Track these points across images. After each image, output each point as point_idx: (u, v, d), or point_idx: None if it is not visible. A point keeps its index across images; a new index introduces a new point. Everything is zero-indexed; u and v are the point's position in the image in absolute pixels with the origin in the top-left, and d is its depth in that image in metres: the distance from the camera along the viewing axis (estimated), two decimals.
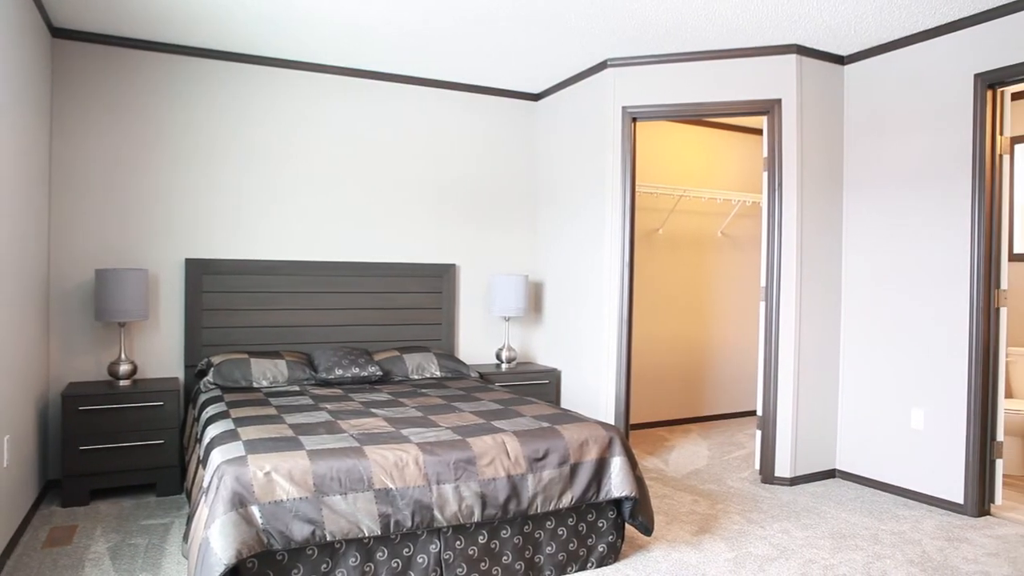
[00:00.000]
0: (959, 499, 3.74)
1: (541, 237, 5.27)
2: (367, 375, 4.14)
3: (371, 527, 2.45)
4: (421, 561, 2.60)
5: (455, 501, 2.58)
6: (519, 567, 2.78)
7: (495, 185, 5.21)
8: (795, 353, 4.17)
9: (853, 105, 4.31)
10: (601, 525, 2.97)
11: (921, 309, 3.94)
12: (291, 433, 2.78)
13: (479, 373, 4.62)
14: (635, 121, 4.42)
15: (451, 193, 5.05)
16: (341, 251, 4.69)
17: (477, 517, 2.62)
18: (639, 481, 2.96)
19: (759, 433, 4.26)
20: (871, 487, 4.16)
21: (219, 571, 2.15)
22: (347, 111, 4.70)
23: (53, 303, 3.95)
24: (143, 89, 4.15)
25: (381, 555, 2.53)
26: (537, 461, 2.76)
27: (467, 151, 5.10)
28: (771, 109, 4.17)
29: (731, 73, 4.24)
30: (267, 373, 3.95)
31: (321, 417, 3.12)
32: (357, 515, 2.43)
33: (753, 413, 6.31)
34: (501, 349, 4.91)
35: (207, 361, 4.06)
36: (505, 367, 4.88)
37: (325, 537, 2.37)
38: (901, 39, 4.00)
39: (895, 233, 4.08)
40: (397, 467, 2.54)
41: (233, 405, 3.35)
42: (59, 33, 3.93)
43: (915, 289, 3.97)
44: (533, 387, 4.81)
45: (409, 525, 2.51)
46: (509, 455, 2.73)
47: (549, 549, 2.85)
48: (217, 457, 2.49)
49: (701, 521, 3.52)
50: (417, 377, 4.35)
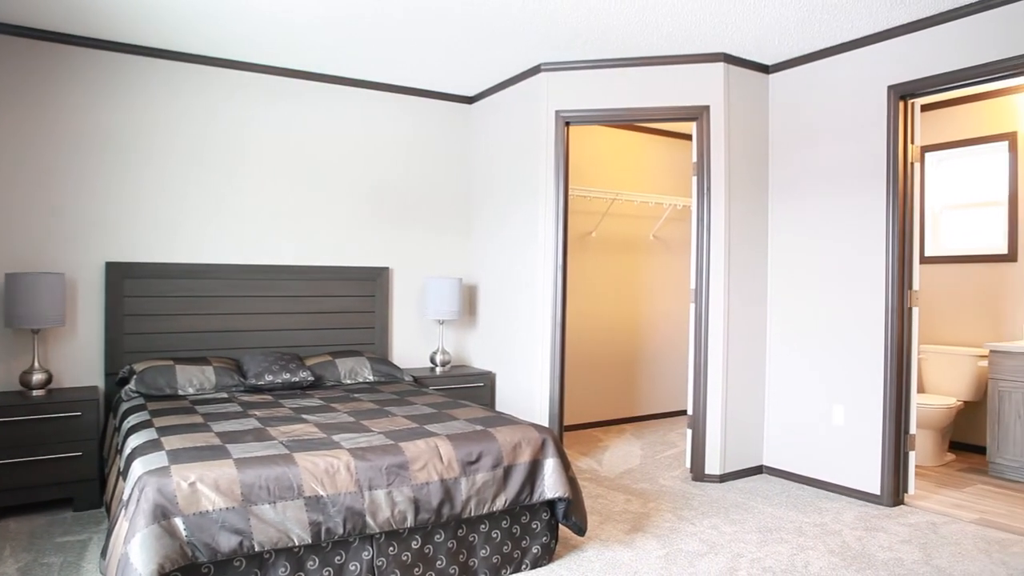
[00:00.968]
0: (876, 490, 3.91)
1: (475, 240, 5.27)
2: (298, 380, 4.06)
3: (301, 536, 2.40)
4: (353, 568, 2.56)
5: (388, 507, 2.55)
6: (453, 571, 2.76)
7: (429, 188, 5.18)
8: (724, 353, 4.28)
9: (777, 113, 4.46)
10: (535, 527, 2.98)
11: (842, 310, 4.10)
12: (218, 441, 2.70)
13: (413, 377, 4.59)
14: (568, 125, 4.47)
15: (385, 196, 5.00)
16: (272, 254, 4.59)
17: (410, 522, 2.60)
18: (572, 482, 2.99)
19: (690, 432, 4.36)
20: (796, 482, 4.31)
21: None
22: (278, 112, 4.60)
23: None
24: (58, 84, 3.97)
25: (312, 564, 2.49)
26: (470, 464, 2.76)
27: (401, 153, 5.06)
28: (700, 115, 4.28)
29: (662, 79, 4.33)
30: (193, 380, 3.83)
31: (250, 424, 3.04)
32: (287, 524, 2.38)
33: (685, 412, 6.45)
34: (435, 352, 4.89)
35: (129, 368, 3.90)
36: (439, 370, 4.86)
37: (253, 547, 2.31)
38: (821, 51, 4.16)
39: (817, 236, 4.24)
40: (328, 474, 2.49)
41: (157, 414, 3.23)
42: None
43: (836, 290, 4.13)
44: (467, 390, 4.80)
45: (341, 532, 2.47)
46: (442, 459, 2.72)
47: (483, 552, 2.85)
48: (138, 468, 2.40)
49: (634, 520, 3.58)
50: (350, 382, 4.28)
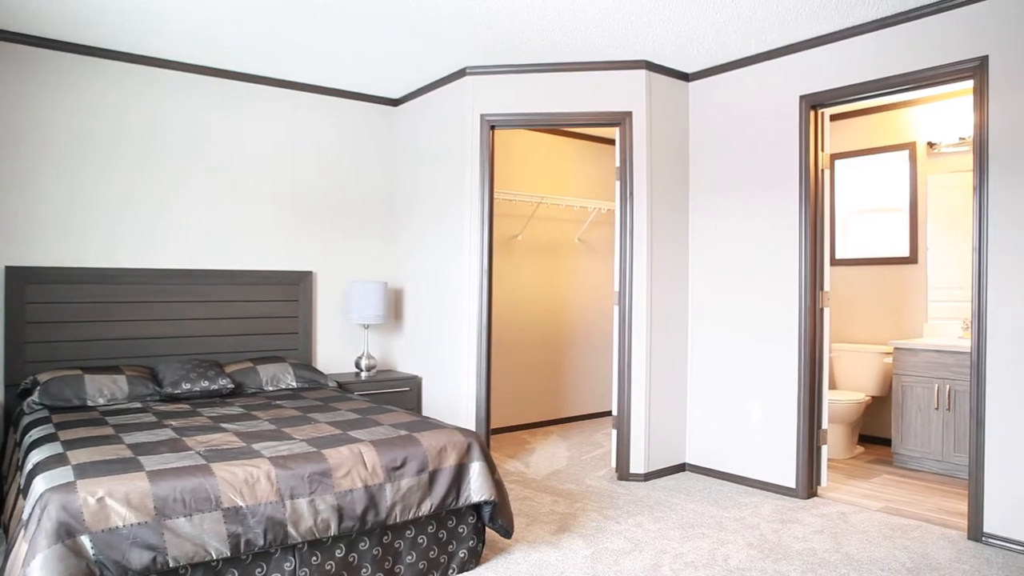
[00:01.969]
0: (792, 484, 4.06)
1: (401, 243, 5.22)
2: (218, 388, 3.93)
3: (219, 548, 2.32)
4: None
5: (310, 516, 2.50)
6: None
7: (354, 191, 5.11)
8: (647, 354, 4.37)
9: (697, 119, 4.59)
10: (462, 531, 2.97)
11: (759, 310, 4.25)
12: (130, 454, 2.59)
13: (337, 383, 4.51)
14: (493, 129, 4.48)
15: (309, 199, 4.90)
16: (190, 258, 4.43)
17: (334, 531, 2.55)
18: (498, 485, 2.99)
19: (615, 432, 4.43)
20: (717, 478, 4.43)
21: None
22: (197, 110, 4.44)
23: None
24: None
25: None
26: (395, 470, 2.73)
27: (325, 155, 4.97)
28: (623, 121, 4.36)
29: (586, 85, 4.40)
30: (104, 390, 3.66)
31: (165, 435, 2.92)
32: (204, 537, 2.29)
33: (611, 413, 6.56)
34: (360, 357, 4.82)
35: (32, 379, 3.69)
36: (365, 375, 4.79)
37: (168, 563, 2.22)
38: (738, 60, 4.31)
39: (735, 240, 4.38)
40: (247, 483, 2.42)
41: (62, 426, 3.07)
42: None
43: (753, 292, 4.28)
44: (393, 395, 4.75)
45: (261, 544, 2.40)
46: (366, 465, 2.68)
47: (409, 558, 2.82)
48: (40, 485, 2.27)
49: (560, 520, 3.61)
50: (272, 389, 4.18)
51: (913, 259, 5.16)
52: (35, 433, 3.01)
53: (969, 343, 3.92)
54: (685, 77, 4.59)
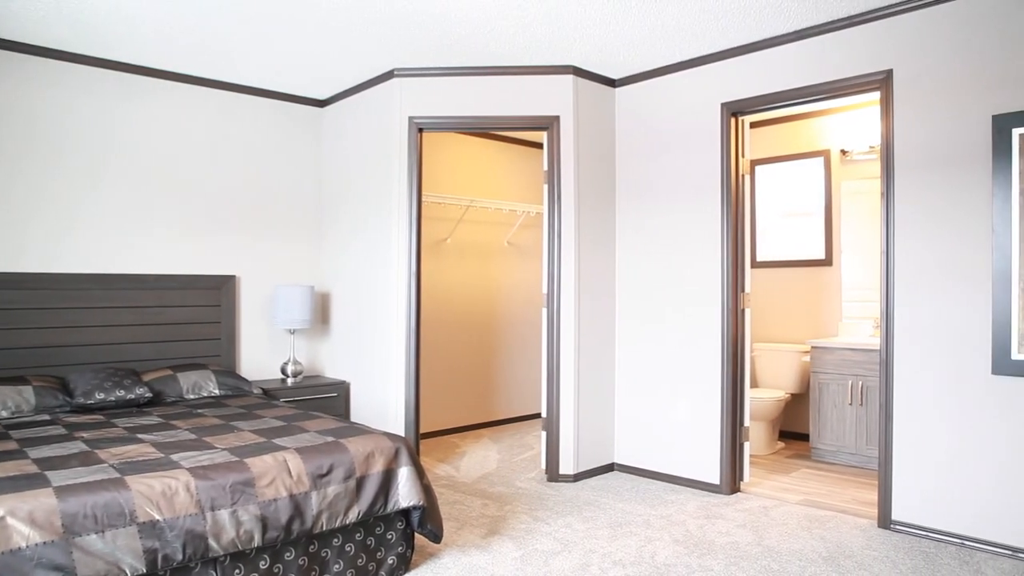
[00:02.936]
0: (716, 480, 4.18)
1: (328, 246, 5.13)
2: (134, 397, 3.77)
3: (134, 565, 2.22)
4: None
5: (232, 527, 2.43)
6: None
7: (280, 193, 4.99)
8: (575, 356, 4.42)
9: (623, 124, 4.68)
10: (390, 537, 2.94)
11: (683, 312, 4.35)
12: (35, 469, 2.45)
13: (262, 389, 4.40)
14: (422, 132, 4.46)
15: (231, 201, 4.76)
16: (106, 262, 4.24)
17: (257, 542, 2.48)
18: (427, 489, 2.97)
19: (544, 434, 4.46)
20: (645, 477, 4.52)
21: None
22: (112, 107, 4.26)
23: None
24: None
25: None
26: (321, 477, 2.68)
27: (249, 157, 4.84)
28: (551, 125, 4.41)
29: (514, 89, 4.42)
30: (8, 402, 3.46)
31: (75, 448, 2.79)
32: (117, 554, 2.20)
33: (540, 415, 6.60)
34: (287, 363, 4.71)
35: None
36: (291, 381, 4.68)
37: None
38: (662, 68, 4.41)
39: (661, 242, 4.47)
40: (165, 496, 2.33)
41: None
42: None
43: (678, 293, 4.38)
44: (321, 401, 4.66)
45: (180, 558, 2.31)
46: (291, 473, 2.62)
47: (337, 567, 2.77)
48: None
49: (491, 523, 3.61)
50: (193, 397, 4.04)
51: (828, 261, 5.38)
52: None
53: (879, 341, 4.12)
54: (612, 83, 4.67)
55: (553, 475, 4.41)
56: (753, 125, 5.76)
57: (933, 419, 3.39)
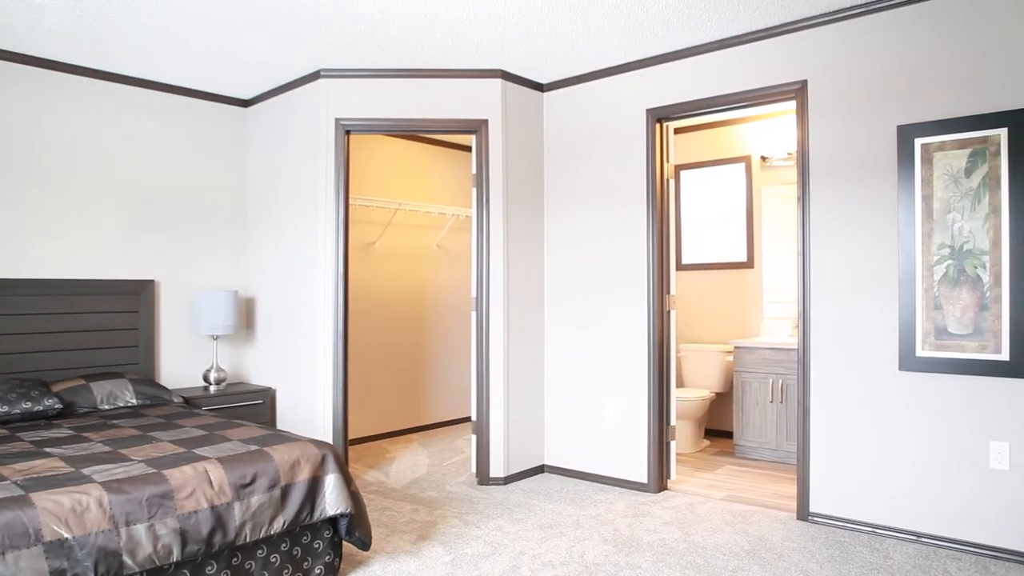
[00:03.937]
0: (644, 479, 4.25)
1: (253, 250, 5.00)
2: (42, 409, 3.58)
3: None
4: None
5: (149, 542, 2.33)
6: None
7: (201, 195, 4.83)
8: (504, 359, 4.44)
9: (552, 129, 4.72)
10: (317, 546, 2.88)
11: (611, 313, 4.42)
12: None
13: (184, 398, 4.24)
14: (349, 134, 4.40)
15: (150, 203, 4.58)
16: (10, 266, 4.01)
17: (176, 556, 2.39)
18: (355, 496, 2.93)
19: (474, 437, 4.46)
20: (575, 477, 4.57)
21: None
22: (15, 103, 4.03)
23: None
24: None
25: None
26: (244, 487, 2.60)
27: (169, 158, 4.67)
28: (479, 129, 4.41)
29: (443, 92, 4.41)
30: None
31: None
32: None
33: (471, 419, 6.58)
34: (209, 370, 4.56)
35: None
36: (214, 389, 4.54)
37: None
38: (589, 73, 4.47)
39: (588, 245, 4.53)
40: (75, 513, 2.22)
41: None
42: None
43: (605, 296, 4.45)
44: (245, 408, 4.53)
45: None
46: (212, 484, 2.54)
47: None
48: None
49: (420, 529, 3.58)
50: (108, 407, 3.87)
51: (750, 264, 5.56)
52: None
53: (797, 341, 4.28)
54: (540, 87, 4.71)
55: (484, 478, 4.41)
56: (677, 131, 5.90)
57: (847, 414, 3.54)
